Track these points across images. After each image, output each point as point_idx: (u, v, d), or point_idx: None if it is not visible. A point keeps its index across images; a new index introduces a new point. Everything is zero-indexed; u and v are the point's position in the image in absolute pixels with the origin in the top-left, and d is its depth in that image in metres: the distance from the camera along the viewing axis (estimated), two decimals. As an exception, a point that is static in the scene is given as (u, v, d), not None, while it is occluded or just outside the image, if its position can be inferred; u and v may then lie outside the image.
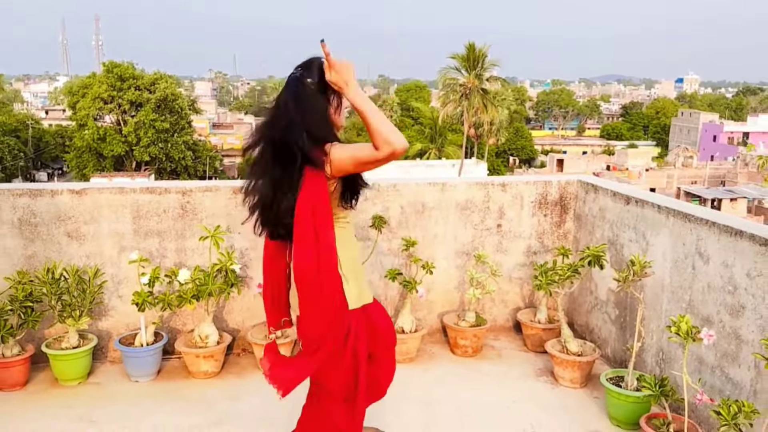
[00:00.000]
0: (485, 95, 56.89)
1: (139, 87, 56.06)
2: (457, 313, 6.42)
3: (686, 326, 4.06)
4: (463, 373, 5.89)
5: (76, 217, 5.83)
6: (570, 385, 5.61)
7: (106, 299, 5.98)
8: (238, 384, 5.65)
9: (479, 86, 56.80)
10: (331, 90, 3.44)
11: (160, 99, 55.68)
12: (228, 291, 5.76)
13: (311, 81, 3.43)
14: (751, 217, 45.28)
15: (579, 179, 6.61)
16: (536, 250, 6.62)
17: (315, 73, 3.43)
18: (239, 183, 6.08)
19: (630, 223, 5.67)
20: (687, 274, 4.92)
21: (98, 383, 5.66)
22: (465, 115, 56.88)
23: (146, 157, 55.96)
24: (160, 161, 56.94)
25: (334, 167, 3.37)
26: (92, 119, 55.79)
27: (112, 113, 56.83)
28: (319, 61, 3.43)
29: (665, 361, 5.19)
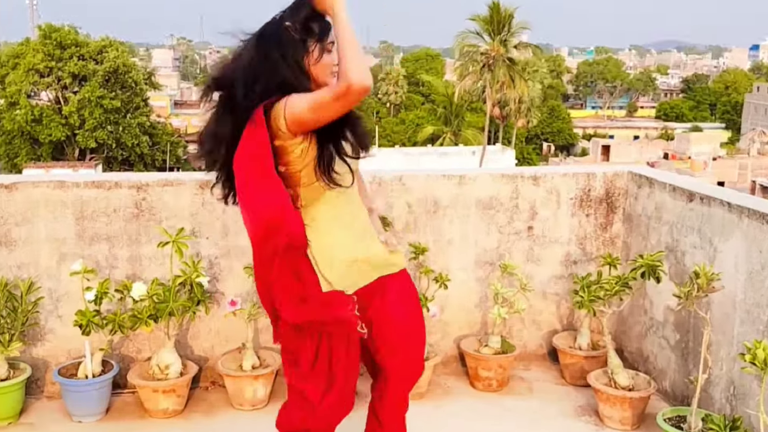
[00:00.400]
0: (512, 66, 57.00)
1: (84, 56, 56.02)
2: (478, 337, 6.42)
3: (764, 353, 4.05)
4: (486, 410, 5.88)
5: (5, 218, 5.82)
6: (619, 426, 5.60)
7: (42, 320, 5.97)
8: (207, 425, 5.65)
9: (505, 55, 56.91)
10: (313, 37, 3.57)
11: (109, 71, 55.62)
12: (193, 309, 5.76)
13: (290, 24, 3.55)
14: (843, 217, 45.28)
15: (630, 171, 6.61)
16: (576, 258, 6.62)
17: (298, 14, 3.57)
18: (208, 175, 6.10)
19: (694, 225, 5.67)
20: (765, 289, 4.91)
21: (31, 423, 5.66)
22: (488, 90, 56.99)
23: (92, 143, 55.90)
24: (109, 148, 56.90)
25: (289, 119, 3.48)
26: (25, 96, 55.71)
27: (49, 89, 56.77)
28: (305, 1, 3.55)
29: (737, 398, 5.18)
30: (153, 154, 59.65)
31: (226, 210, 6.01)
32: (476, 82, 58.09)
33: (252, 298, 5.96)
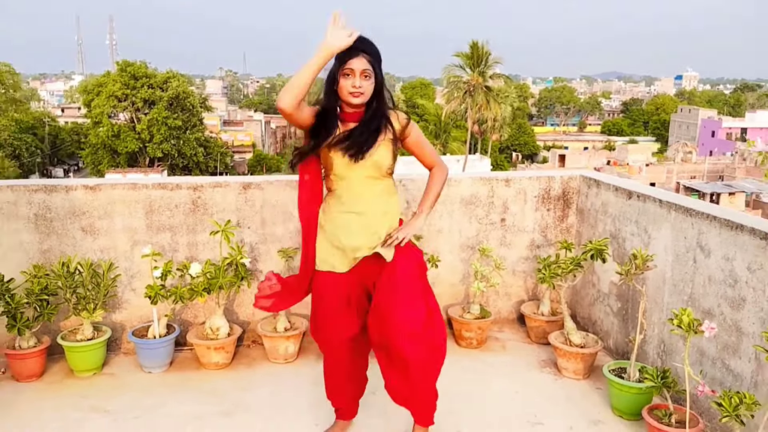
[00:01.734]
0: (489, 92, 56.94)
1: (152, 85, 56.28)
2: (461, 305, 6.39)
3: (688, 319, 4.03)
4: (468, 364, 5.86)
5: (91, 212, 5.81)
6: (573, 376, 5.58)
7: (119, 292, 5.97)
8: (249, 375, 5.63)
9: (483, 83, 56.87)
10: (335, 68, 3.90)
11: (172, 97, 55.90)
12: (238, 284, 5.75)
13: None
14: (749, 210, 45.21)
15: (581, 174, 6.58)
16: (539, 243, 6.59)
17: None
18: (249, 179, 6.10)
19: (632, 217, 5.64)
20: (688, 268, 4.89)
21: (112, 374, 5.65)
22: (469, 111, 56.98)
23: (159, 153, 56.17)
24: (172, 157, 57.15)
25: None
26: (107, 117, 56.09)
27: (125, 111, 57.04)
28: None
29: (667, 353, 5.16)
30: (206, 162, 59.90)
31: (263, 206, 6.02)
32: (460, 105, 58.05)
33: (285, 275, 5.94)
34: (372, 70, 3.85)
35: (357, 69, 3.80)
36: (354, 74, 3.81)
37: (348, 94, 3.85)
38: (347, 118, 3.99)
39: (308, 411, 4.96)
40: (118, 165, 56.38)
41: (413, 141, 4.15)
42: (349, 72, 3.82)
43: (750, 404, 3.71)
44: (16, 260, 5.71)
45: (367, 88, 3.86)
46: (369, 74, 3.85)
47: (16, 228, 5.70)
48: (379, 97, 3.96)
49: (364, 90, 3.84)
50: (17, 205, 5.69)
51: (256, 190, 6.03)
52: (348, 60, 3.79)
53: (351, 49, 3.76)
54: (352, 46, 3.75)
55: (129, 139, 55.57)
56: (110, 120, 56.41)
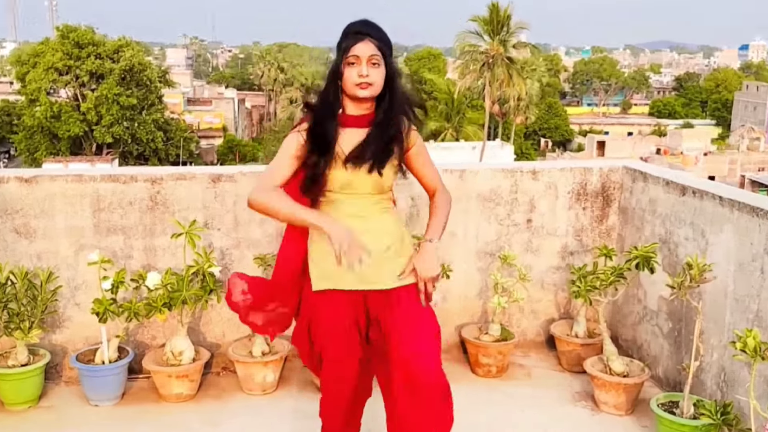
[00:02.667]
0: (511, 65, 56.99)
1: (101, 55, 56.12)
2: (478, 325, 6.41)
3: (754, 342, 4.04)
4: (486, 396, 5.88)
5: (25, 210, 5.82)
6: (614, 411, 5.60)
7: (60, 308, 5.98)
8: (218, 409, 5.65)
9: (504, 54, 56.90)
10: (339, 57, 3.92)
11: (125, 69, 55.74)
12: (205, 298, 5.76)
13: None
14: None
15: (624, 165, 6.60)
16: (573, 250, 6.61)
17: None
18: (219, 169, 6.12)
19: (686, 218, 5.66)
20: (755, 280, 4.90)
21: (51, 407, 5.66)
22: (487, 88, 56.99)
23: (109, 138, 56.03)
24: (125, 143, 57.05)
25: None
26: (45, 94, 55.83)
27: (68, 86, 56.91)
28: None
29: (728, 384, 5.17)
30: (167, 149, 59.80)
31: (237, 202, 6.03)
32: (476, 80, 58.12)
33: (262, 287, 5.97)
34: (381, 56, 3.85)
35: (363, 55, 3.81)
36: (360, 61, 3.82)
37: (354, 86, 3.84)
38: (349, 122, 3.98)
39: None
40: (59, 152, 56.25)
41: (415, 154, 4.18)
42: (354, 59, 3.82)
43: (828, 446, 3.73)
44: (-67, 268, 5.72)
45: (377, 77, 3.85)
46: (378, 61, 3.85)
47: (-65, 229, 5.73)
48: (392, 93, 3.97)
49: (373, 80, 3.84)
50: (-64, 201, 5.70)
51: (227, 183, 6.04)
52: (353, 46, 3.81)
53: (355, 34, 3.82)
54: (356, 31, 3.84)
55: (72, 121, 55.45)
56: (49, 98, 56.25)
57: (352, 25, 3.92)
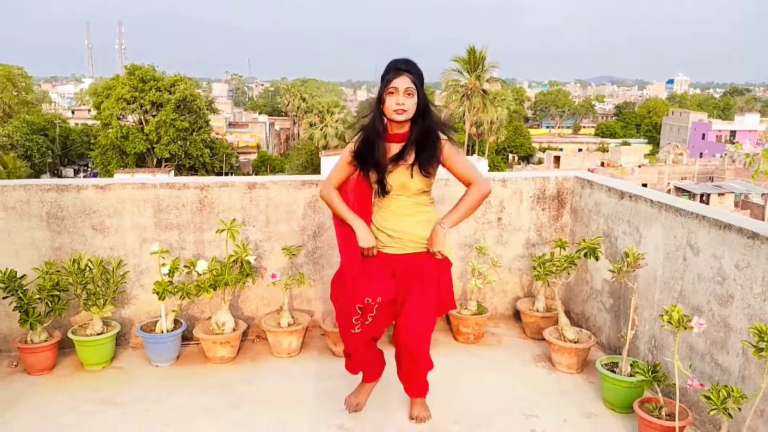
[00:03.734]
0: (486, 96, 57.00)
1: (160, 88, 56.25)
2: (459, 302, 6.39)
3: (678, 315, 4.03)
4: (466, 358, 5.87)
5: (101, 211, 5.82)
6: (567, 370, 5.59)
7: (128, 288, 5.98)
8: (253, 368, 5.64)
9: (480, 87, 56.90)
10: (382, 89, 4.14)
11: (179, 99, 55.90)
12: (243, 281, 5.76)
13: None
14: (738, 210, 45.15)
15: (575, 175, 6.59)
16: (535, 242, 6.60)
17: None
18: (254, 179, 6.12)
19: (624, 216, 5.65)
20: (678, 266, 4.90)
21: (121, 368, 5.66)
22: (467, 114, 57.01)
23: (166, 154, 56.15)
24: (179, 158, 57.13)
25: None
26: (116, 119, 56.07)
27: (134, 113, 57.05)
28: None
29: (657, 348, 5.17)
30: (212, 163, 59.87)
31: (268, 205, 6.03)
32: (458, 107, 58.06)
33: (288, 272, 5.97)
34: (414, 88, 4.06)
35: (401, 87, 4.03)
36: (398, 92, 4.04)
37: (392, 112, 4.07)
38: (392, 139, 4.23)
39: (311, 403, 4.97)
40: (127, 165, 56.35)
41: (449, 160, 4.30)
42: (394, 90, 4.05)
43: (737, 397, 3.72)
44: (28, 257, 5.73)
45: (410, 105, 4.08)
46: (412, 92, 4.07)
47: (29, 226, 5.72)
48: (425, 114, 4.19)
49: (407, 107, 4.07)
50: (30, 204, 5.70)
51: (260, 190, 6.04)
52: (393, 80, 4.03)
53: (395, 70, 4.04)
54: (396, 67, 4.05)
55: (137, 141, 55.55)
56: (119, 122, 56.39)
57: (395, 62, 4.11)
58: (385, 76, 4.08)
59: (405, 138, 4.22)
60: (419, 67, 4.15)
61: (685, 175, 65.48)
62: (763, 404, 4.01)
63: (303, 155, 65.40)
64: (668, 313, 4.06)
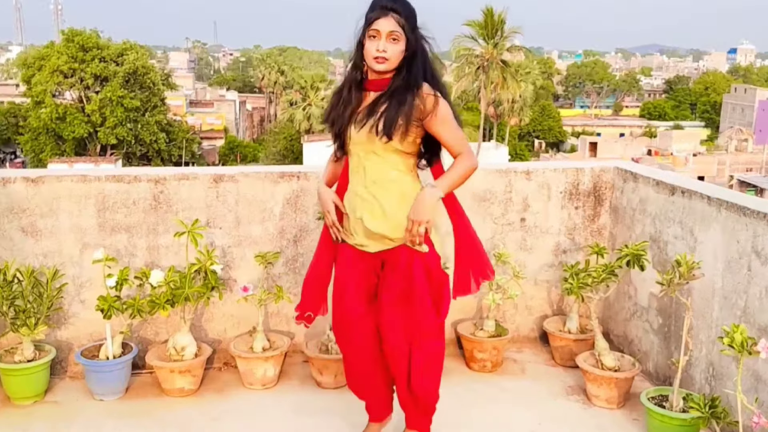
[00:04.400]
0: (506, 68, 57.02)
1: (105, 58, 56.23)
2: (473, 321, 6.41)
3: (741, 337, 4.05)
4: (481, 390, 5.89)
5: (32, 210, 5.82)
6: (605, 405, 5.60)
7: (66, 305, 5.98)
8: (219, 403, 5.65)
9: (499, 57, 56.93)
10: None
11: (128, 72, 55.86)
12: (208, 295, 5.75)
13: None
14: (815, 210, 45.19)
15: (616, 166, 6.60)
16: (566, 248, 6.62)
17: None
18: (221, 170, 6.12)
19: (675, 217, 5.66)
20: (742, 277, 4.91)
21: (57, 402, 5.66)
22: (482, 91, 57.05)
23: (113, 139, 56.12)
24: (128, 144, 57.13)
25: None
26: (50, 96, 55.97)
27: (73, 89, 56.99)
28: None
29: (716, 378, 5.18)
30: (169, 150, 59.88)
31: (238, 202, 6.04)
32: (472, 83, 58.19)
33: (263, 285, 5.97)
34: (402, 31, 3.97)
35: (383, 30, 3.95)
36: (380, 35, 3.96)
37: (371, 59, 4.01)
38: (371, 86, 4.17)
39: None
40: (64, 153, 56.32)
41: (435, 120, 4.15)
42: (375, 33, 3.97)
43: (814, 438, 3.74)
44: (-58, 266, 5.73)
45: (394, 52, 3.99)
46: (398, 37, 3.98)
47: (-57, 228, 5.73)
48: (410, 65, 4.07)
49: (389, 55, 3.97)
50: (-56, 201, 5.71)
51: (229, 184, 6.05)
52: (375, 20, 3.94)
53: (380, 8, 3.95)
54: (383, 5, 3.96)
55: (77, 123, 55.51)
56: (54, 100, 56.37)
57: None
58: (368, 13, 4.01)
59: (384, 85, 4.15)
60: (411, 5, 4.07)
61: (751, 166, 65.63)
62: None
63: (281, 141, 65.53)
64: (729, 334, 4.07)
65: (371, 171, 4.23)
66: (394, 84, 4.08)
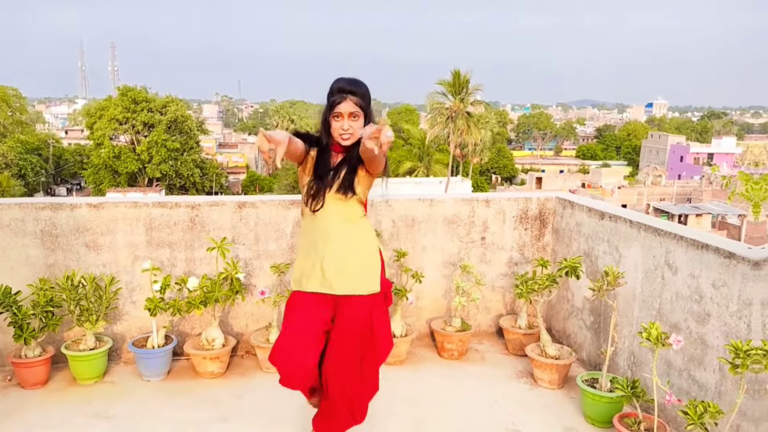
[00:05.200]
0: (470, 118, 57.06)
1: (152, 109, 56.30)
2: (444, 319, 6.41)
3: (656, 332, 4.06)
4: (450, 374, 5.88)
5: (94, 229, 5.82)
6: (548, 386, 5.61)
7: (120, 305, 5.97)
8: (242, 383, 5.64)
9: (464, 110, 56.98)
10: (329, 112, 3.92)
11: (171, 120, 55.96)
12: (233, 297, 5.76)
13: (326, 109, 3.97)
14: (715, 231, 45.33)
15: (557, 196, 6.62)
16: (517, 261, 6.62)
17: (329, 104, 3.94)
18: (243, 198, 6.13)
19: (604, 236, 5.68)
20: (657, 284, 4.93)
21: (113, 382, 5.64)
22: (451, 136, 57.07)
23: (158, 173, 56.10)
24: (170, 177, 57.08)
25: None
26: (108, 139, 56.06)
27: (126, 133, 57.04)
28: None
29: (636, 365, 5.19)
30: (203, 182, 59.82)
31: (257, 223, 6.04)
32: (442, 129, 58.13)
33: (277, 289, 5.97)
34: (360, 110, 3.86)
35: (345, 112, 3.84)
36: (343, 117, 3.85)
37: (338, 136, 3.89)
38: (335, 149, 4.00)
39: (299, 417, 4.96)
40: (119, 184, 56.29)
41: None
42: (338, 115, 3.86)
43: (714, 413, 3.75)
44: (23, 274, 5.72)
45: (356, 128, 3.87)
46: (357, 114, 3.86)
47: (24, 243, 5.71)
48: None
49: (353, 131, 3.86)
50: (25, 222, 5.69)
51: (250, 209, 6.05)
52: (337, 104, 3.84)
53: (340, 92, 3.83)
54: (340, 89, 3.84)
55: (129, 160, 55.52)
56: (111, 142, 56.37)
57: (337, 81, 3.90)
58: (329, 98, 3.89)
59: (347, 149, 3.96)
60: (364, 84, 3.94)
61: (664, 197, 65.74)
62: (739, 419, 4.03)
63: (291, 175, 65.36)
64: (647, 330, 4.09)
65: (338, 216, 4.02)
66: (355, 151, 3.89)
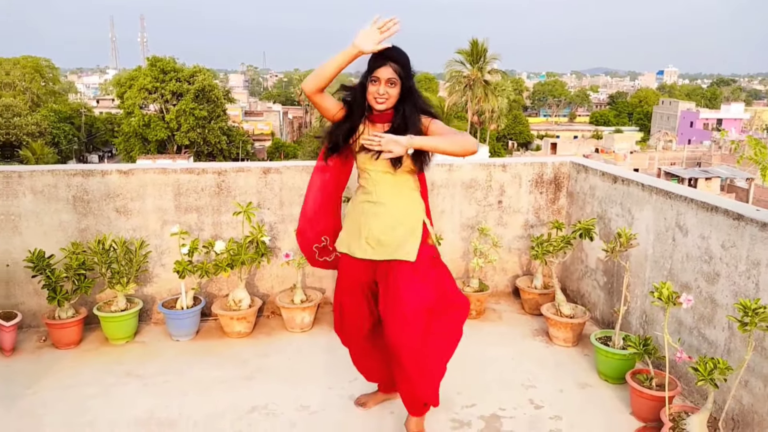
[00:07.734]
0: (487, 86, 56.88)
1: (180, 79, 56.12)
2: (462, 279, 6.40)
3: (667, 292, 4.02)
4: (468, 332, 5.81)
5: (124, 195, 5.82)
6: (563, 344, 5.59)
7: (150, 267, 5.98)
8: (268, 343, 5.65)
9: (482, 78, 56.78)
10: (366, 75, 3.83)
11: (198, 90, 55.76)
12: (259, 260, 5.77)
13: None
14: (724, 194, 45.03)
15: (571, 161, 6.57)
16: (533, 223, 6.59)
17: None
18: (268, 164, 6.10)
19: (617, 199, 5.63)
20: (668, 245, 4.89)
21: (144, 342, 5.67)
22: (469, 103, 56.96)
23: (186, 141, 56.10)
24: (198, 145, 57.07)
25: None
26: (138, 108, 56.03)
27: (155, 102, 56.97)
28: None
29: (648, 323, 5.16)
30: (229, 150, 59.73)
31: (282, 188, 6.02)
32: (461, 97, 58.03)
33: (300, 252, 5.95)
34: (398, 78, 3.73)
35: (382, 77, 3.71)
36: (380, 82, 3.72)
37: (373, 100, 3.77)
38: (376, 119, 3.87)
39: (322, 376, 4.99)
40: (149, 152, 56.37)
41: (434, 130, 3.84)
42: (376, 79, 3.73)
43: (723, 369, 3.72)
44: (56, 238, 5.74)
45: (392, 95, 3.75)
46: (395, 82, 3.73)
47: (57, 209, 5.72)
48: (407, 103, 3.80)
49: (387, 97, 3.74)
50: (57, 188, 5.70)
51: (275, 175, 6.03)
52: (375, 69, 3.71)
53: (379, 58, 3.70)
54: (381, 55, 3.68)
55: (158, 128, 55.55)
56: (141, 111, 56.37)
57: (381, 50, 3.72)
58: (370, 62, 3.76)
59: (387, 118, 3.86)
60: (405, 54, 3.80)
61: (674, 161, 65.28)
62: (747, 375, 4.01)
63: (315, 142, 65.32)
64: (658, 290, 4.05)
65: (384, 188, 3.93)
66: (396, 121, 3.81)
